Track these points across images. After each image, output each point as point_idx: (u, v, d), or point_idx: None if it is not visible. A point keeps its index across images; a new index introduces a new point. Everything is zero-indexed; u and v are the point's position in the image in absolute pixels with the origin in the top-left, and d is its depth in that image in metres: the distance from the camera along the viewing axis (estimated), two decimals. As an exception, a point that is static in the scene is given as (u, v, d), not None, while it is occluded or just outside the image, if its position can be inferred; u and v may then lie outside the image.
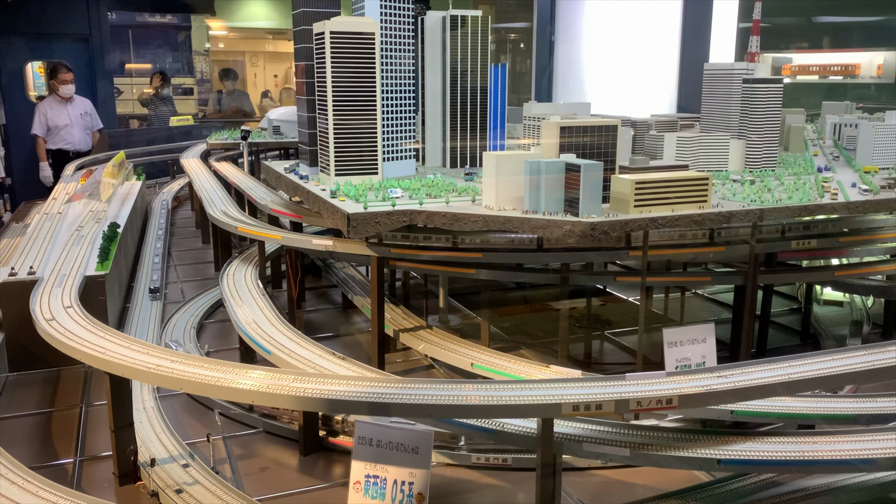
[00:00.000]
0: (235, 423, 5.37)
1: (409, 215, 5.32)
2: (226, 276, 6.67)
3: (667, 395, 3.74)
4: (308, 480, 4.72)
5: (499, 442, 4.58)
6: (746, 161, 7.10)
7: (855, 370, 3.99)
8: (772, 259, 6.32)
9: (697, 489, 3.95)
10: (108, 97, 16.97)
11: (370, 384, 4.04)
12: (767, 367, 4.03)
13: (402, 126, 6.78)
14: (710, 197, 5.37)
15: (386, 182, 6.26)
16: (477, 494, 4.64)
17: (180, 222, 12.07)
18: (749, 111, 7.13)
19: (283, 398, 4.02)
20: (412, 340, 6.29)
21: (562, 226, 5.06)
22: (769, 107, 7.09)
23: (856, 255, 6.76)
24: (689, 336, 4.99)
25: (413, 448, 3.96)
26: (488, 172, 5.47)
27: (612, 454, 3.88)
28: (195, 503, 4.22)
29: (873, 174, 6.84)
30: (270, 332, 5.38)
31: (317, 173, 6.74)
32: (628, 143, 7.76)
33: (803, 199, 5.62)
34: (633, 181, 5.17)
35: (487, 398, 3.79)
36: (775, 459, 3.76)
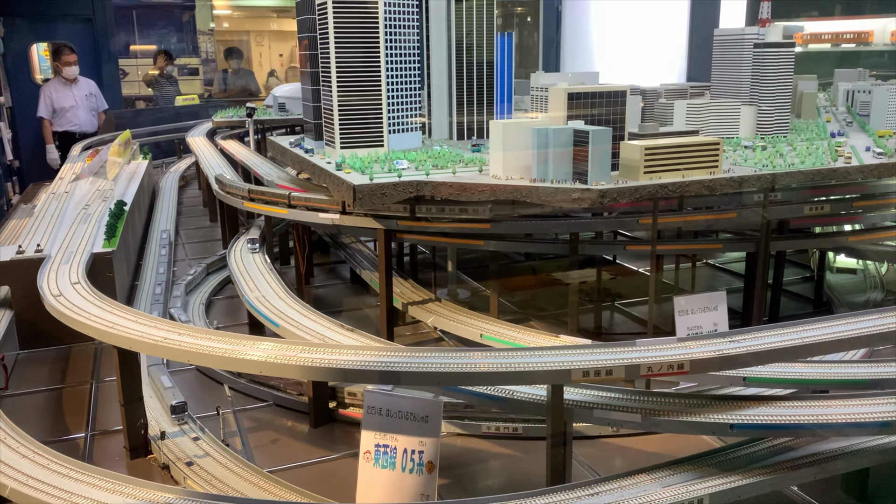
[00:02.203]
0: (245, 397, 5.37)
1: (415, 186, 5.26)
2: (233, 251, 6.64)
3: (678, 360, 3.69)
4: (318, 452, 4.72)
5: (509, 410, 4.55)
6: (758, 127, 6.99)
7: (868, 333, 3.94)
8: (784, 226, 6.23)
9: (710, 454, 3.91)
10: (114, 79, 16.91)
11: (379, 353, 4.02)
12: (780, 332, 3.98)
13: (408, 98, 6.69)
14: (721, 162, 5.28)
15: (392, 154, 6.20)
16: (488, 464, 4.63)
17: (188, 201, 12.05)
18: (760, 76, 7.01)
19: (291, 368, 4.00)
20: (421, 313, 6.27)
21: (570, 194, 5.00)
22: (781, 72, 6.97)
23: (869, 221, 6.67)
24: (700, 304, 4.93)
25: (423, 417, 3.93)
26: (495, 141, 5.40)
27: (624, 420, 3.84)
28: (206, 475, 4.22)
29: (888, 138, 6.72)
30: (279, 305, 5.37)
31: (322, 147, 6.69)
32: (637, 113, 7.65)
33: (816, 163, 5.52)
34: (643, 147, 5.09)
35: (497, 365, 3.75)
36: (789, 423, 3.71)
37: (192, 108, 16.31)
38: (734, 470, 3.78)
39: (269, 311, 5.23)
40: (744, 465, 3.82)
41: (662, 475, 3.76)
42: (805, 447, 3.99)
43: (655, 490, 3.64)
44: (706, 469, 3.80)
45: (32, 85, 15.40)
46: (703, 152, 5.22)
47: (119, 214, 7.13)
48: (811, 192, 6.27)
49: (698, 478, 3.73)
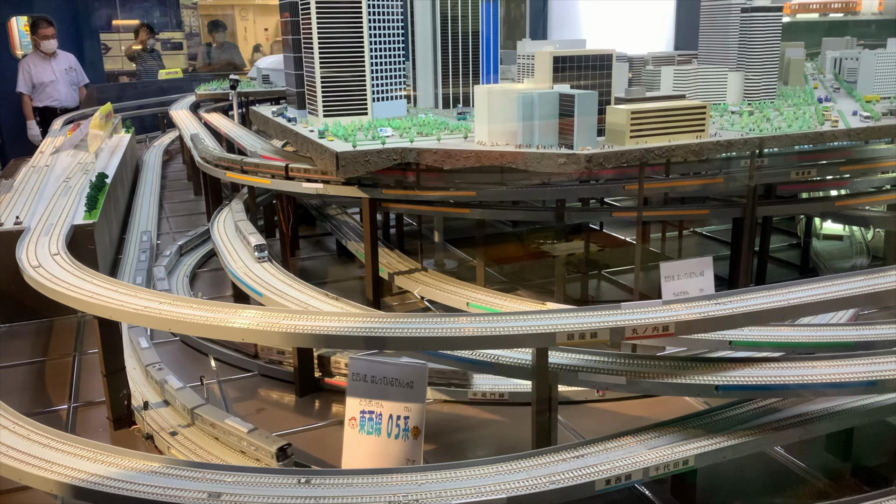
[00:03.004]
0: (231, 368, 5.33)
1: (399, 153, 5.19)
2: (216, 223, 6.57)
3: (663, 322, 3.68)
4: (304, 420, 4.70)
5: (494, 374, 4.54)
6: (745, 93, 6.95)
7: (851, 294, 3.93)
8: (771, 191, 6.21)
9: (695, 417, 3.91)
10: (95, 54, 16.64)
11: (365, 319, 3.98)
12: (765, 294, 3.97)
13: (392, 66, 6.59)
14: (708, 126, 5.24)
15: (376, 122, 6.12)
16: (474, 429, 4.62)
17: (172, 175, 11.93)
18: (747, 41, 6.95)
19: (274, 335, 3.96)
20: (408, 283, 6.23)
21: (556, 159, 4.95)
22: (768, 36, 6.91)
23: (856, 187, 6.66)
24: (686, 269, 4.91)
25: (408, 382, 3.91)
26: (480, 107, 5.33)
27: (609, 383, 3.83)
28: (190, 444, 4.20)
29: (875, 103, 6.69)
30: (262, 275, 5.31)
31: (305, 116, 6.59)
32: (625, 80, 7.59)
33: (803, 127, 5.49)
34: (629, 111, 5.03)
35: (482, 329, 3.72)
36: (774, 384, 3.71)
37: (176, 82, 16.09)
38: (719, 431, 3.78)
39: (253, 280, 5.18)
40: (729, 427, 3.82)
41: (648, 437, 3.76)
42: (789, 408, 4.00)
43: (641, 452, 3.64)
44: (691, 431, 3.80)
45: (12, 59, 15.12)
46: (689, 116, 5.17)
47: (100, 187, 7.03)
48: (798, 158, 6.25)
49: (684, 439, 3.73)
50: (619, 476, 3.45)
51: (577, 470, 3.47)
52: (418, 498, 3.29)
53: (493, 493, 3.30)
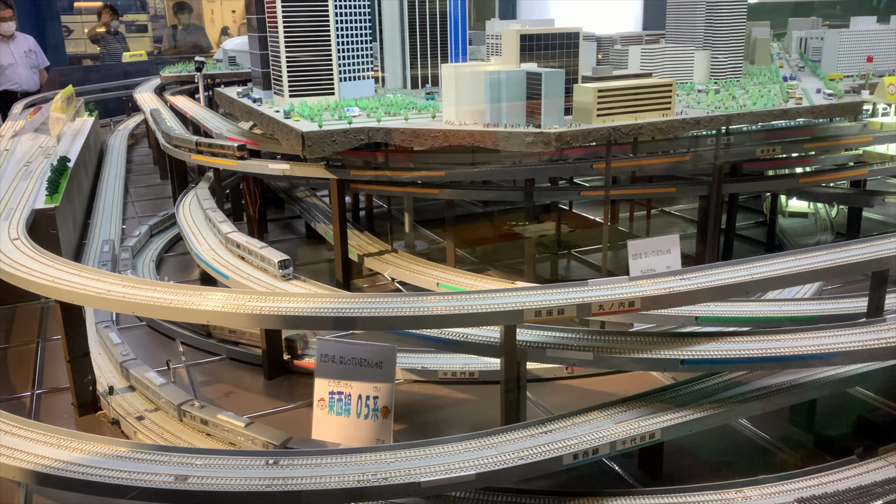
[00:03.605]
0: (198, 352, 5.27)
1: (366, 133, 5.15)
2: (182, 206, 6.47)
3: (629, 298, 3.71)
4: (273, 403, 4.67)
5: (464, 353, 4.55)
6: (712, 72, 6.99)
7: (812, 269, 4.00)
8: (737, 169, 6.27)
9: (662, 391, 3.95)
10: (57, 36, 16.27)
11: (333, 300, 3.95)
12: (729, 269, 4.02)
13: (359, 45, 6.52)
14: (674, 104, 5.27)
15: (343, 102, 6.06)
16: (445, 408, 4.64)
17: (138, 160, 11.73)
18: (714, 21, 6.98)
19: (241, 317, 3.92)
20: (378, 265, 6.21)
21: (524, 138, 4.94)
22: (734, 16, 6.95)
23: (821, 163, 6.75)
24: (653, 247, 4.94)
25: (377, 363, 3.90)
26: (447, 86, 5.30)
27: (576, 359, 3.85)
28: (157, 429, 4.15)
29: (838, 80, 6.77)
30: (228, 258, 5.25)
31: (271, 96, 6.50)
32: (593, 58, 7.59)
33: (768, 104, 5.54)
34: (596, 89, 5.03)
35: (451, 308, 3.72)
36: (739, 357, 3.76)
37: (141, 65, 15.79)
38: (685, 405, 3.83)
39: (218, 263, 5.12)
40: (694, 401, 3.87)
41: (615, 412, 3.79)
42: (754, 382, 4.05)
43: (608, 426, 3.68)
44: (658, 405, 3.84)
45: (-30, 42, 14.69)
46: (655, 94, 5.19)
47: (62, 170, 6.89)
48: (766, 136, 6.31)
49: (650, 413, 3.77)
50: (586, 450, 3.48)
51: (545, 445, 3.49)
52: (387, 476, 3.29)
53: (461, 469, 3.31)
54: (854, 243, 4.30)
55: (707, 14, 7.10)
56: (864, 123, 6.77)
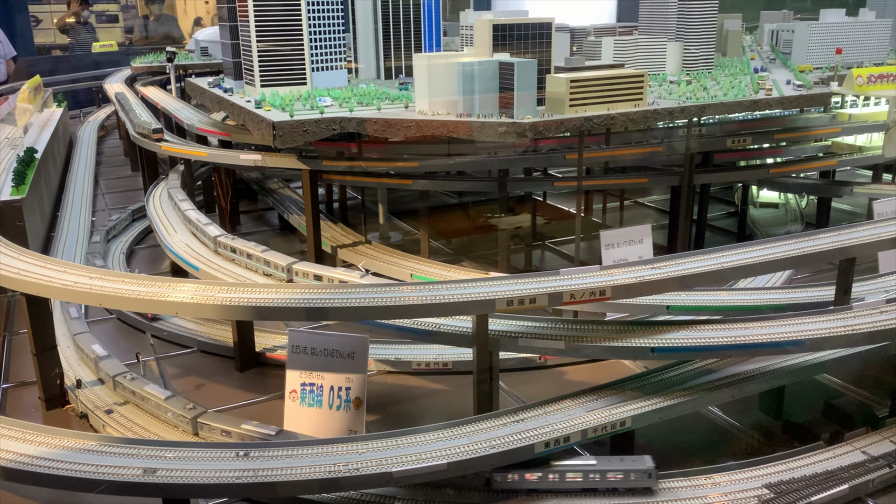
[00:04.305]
0: (169, 345, 5.21)
1: (338, 122, 5.11)
2: (152, 198, 6.39)
3: (600, 287, 3.72)
4: (245, 395, 4.63)
5: (436, 343, 4.55)
6: (684, 63, 7.03)
7: (779, 258, 4.05)
8: (708, 160, 6.32)
9: (633, 379, 3.98)
10: (25, 26, 15.96)
11: (305, 290, 3.92)
12: (699, 258, 4.05)
13: (331, 35, 6.47)
14: (646, 95, 5.29)
15: (315, 92, 6.01)
16: (419, 399, 4.63)
17: (108, 151, 11.55)
18: (686, 12, 7.02)
19: (212, 309, 3.88)
20: (352, 256, 6.17)
21: (497, 128, 4.94)
22: (705, 9, 6.99)
23: (791, 154, 6.82)
24: (626, 237, 4.97)
25: (349, 353, 3.89)
26: (420, 76, 5.28)
27: (548, 348, 3.86)
28: (127, 422, 4.10)
29: (808, 72, 6.84)
30: (199, 249, 5.20)
31: (242, 86, 6.43)
32: (566, 50, 7.60)
33: (738, 95, 5.59)
34: (568, 80, 5.04)
35: (423, 297, 3.71)
36: (707, 345, 3.79)
37: (112, 55, 15.55)
38: (656, 393, 3.86)
39: (188, 254, 5.06)
40: (665, 389, 3.90)
41: (587, 400, 3.82)
42: (723, 369, 4.09)
43: (579, 414, 3.70)
44: (629, 393, 3.87)
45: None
46: (627, 85, 5.21)
47: (29, 162, 6.76)
48: (739, 126, 6.37)
49: (621, 401, 3.80)
50: (557, 438, 3.50)
51: (516, 434, 3.50)
52: (359, 467, 3.28)
53: (433, 458, 3.31)
54: (821, 233, 4.36)
55: (679, 6, 7.14)
56: (833, 115, 6.87)
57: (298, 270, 4.70)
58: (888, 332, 3.89)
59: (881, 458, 3.70)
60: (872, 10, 8.10)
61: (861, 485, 3.55)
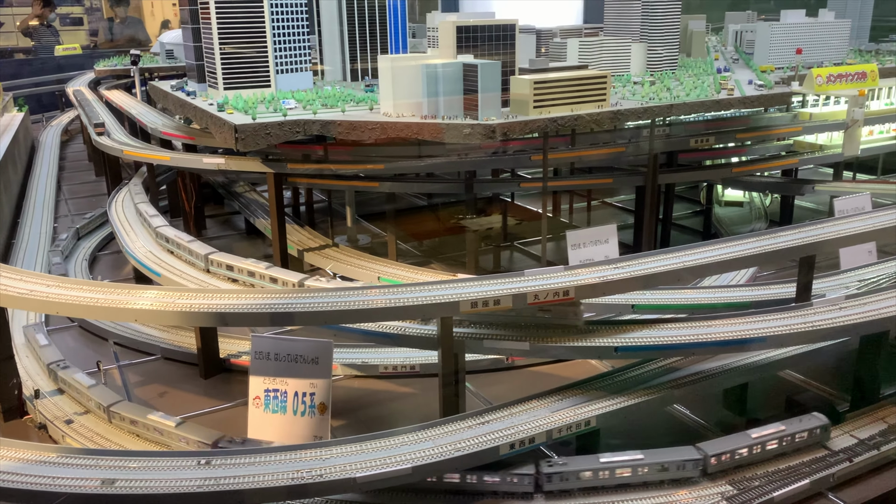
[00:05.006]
0: (132, 352, 5.13)
1: (302, 125, 5.07)
2: (114, 204, 6.29)
3: (563, 287, 3.73)
4: (209, 402, 4.57)
5: (402, 347, 4.53)
6: (648, 64, 7.08)
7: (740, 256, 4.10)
8: (672, 160, 6.37)
9: (598, 378, 3.99)
10: (-15, 29, 15.63)
11: (270, 295, 3.88)
12: (661, 258, 4.07)
13: (296, 37, 6.42)
14: (609, 96, 5.32)
15: (279, 94, 5.96)
16: (386, 403, 4.60)
17: (71, 156, 11.36)
18: (650, 14, 7.07)
19: (175, 315, 3.83)
20: (319, 260, 6.12)
21: (462, 129, 4.93)
22: (669, 10, 7.05)
23: (754, 153, 6.91)
24: (592, 237, 4.99)
25: (313, 359, 3.85)
26: (384, 79, 5.26)
27: (513, 349, 3.87)
28: (87, 432, 4.02)
29: (769, 72, 6.94)
30: (161, 255, 5.12)
31: (205, 89, 6.36)
32: (532, 51, 7.62)
33: (701, 95, 5.64)
34: (532, 81, 5.06)
35: (387, 301, 3.69)
36: (671, 343, 3.82)
37: (76, 58, 15.33)
38: (620, 392, 3.87)
39: (150, 260, 4.99)
40: (629, 387, 3.92)
41: (552, 401, 3.82)
42: (687, 367, 4.13)
43: (545, 415, 3.70)
44: (594, 392, 3.88)
45: None
46: (591, 86, 5.23)
47: (-13, 168, 6.62)
48: (703, 126, 6.43)
49: (586, 401, 3.81)
50: (522, 440, 3.50)
51: (482, 436, 3.49)
52: (322, 473, 3.25)
53: (398, 463, 3.29)
54: (782, 230, 4.41)
55: (643, 7, 7.20)
56: (795, 114, 6.96)
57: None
58: (847, 328, 3.96)
59: (841, 452, 3.75)
60: (832, 11, 8.24)
61: (822, 479, 3.60)
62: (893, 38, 10.71)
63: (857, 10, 9.72)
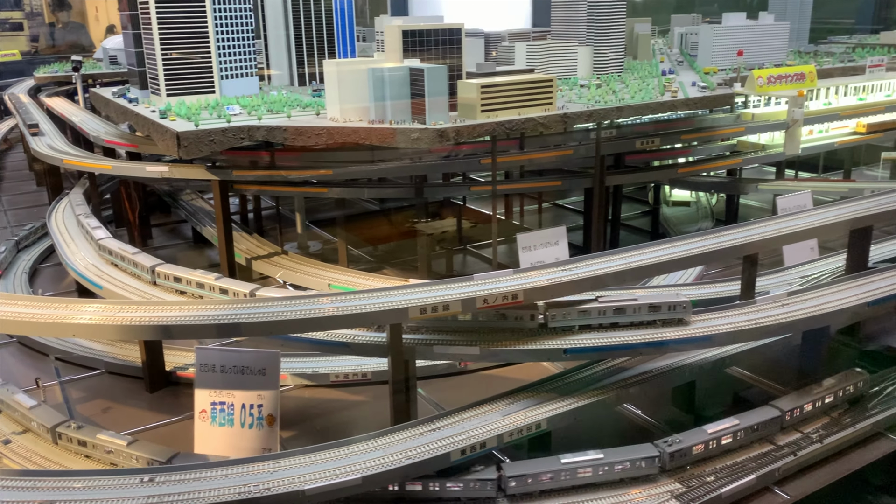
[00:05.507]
0: (74, 367, 4.98)
1: (246, 131, 4.99)
2: (54, 214, 6.10)
3: (512, 291, 3.73)
4: (156, 417, 4.45)
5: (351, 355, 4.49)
6: (595, 67, 7.16)
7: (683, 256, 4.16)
8: (620, 162, 6.44)
9: (548, 381, 4.01)
10: (-83, 35, 15.05)
11: (216, 306, 3.80)
12: (609, 258, 4.11)
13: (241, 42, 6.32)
14: (556, 99, 5.35)
15: (224, 100, 5.86)
16: (338, 412, 4.54)
17: (11, 165, 11.01)
18: (594, 17, 7.15)
19: (118, 329, 3.72)
20: (268, 268, 6.03)
21: (409, 134, 4.91)
22: (614, 13, 7.14)
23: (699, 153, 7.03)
24: (542, 239, 5.01)
25: (260, 370, 3.78)
26: (330, 83, 5.20)
27: (464, 354, 3.86)
28: (26, 452, 3.88)
29: (712, 74, 7.07)
30: (103, 267, 4.98)
31: (148, 96, 6.21)
32: (481, 55, 7.64)
33: (645, 97, 5.71)
34: (479, 85, 5.06)
35: (335, 309, 3.64)
36: (619, 344, 3.85)
37: (15, 64, 14.88)
38: (571, 393, 3.89)
39: (91, 272, 4.85)
40: (579, 388, 3.94)
41: (504, 404, 3.82)
42: (636, 367, 4.17)
43: (496, 419, 3.69)
44: (545, 395, 3.89)
45: None
46: (537, 89, 5.26)
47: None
48: (653, 128, 6.51)
49: (537, 403, 3.81)
50: (473, 445, 3.49)
51: (432, 443, 3.47)
52: (270, 486, 3.19)
53: (347, 473, 3.24)
54: (726, 229, 4.49)
55: (588, 11, 7.27)
56: (738, 115, 7.11)
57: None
58: (790, 324, 4.04)
59: (786, 446, 3.83)
60: (771, 14, 8.45)
61: (767, 474, 3.66)
62: (832, 40, 11.04)
63: (797, 13, 9.97)
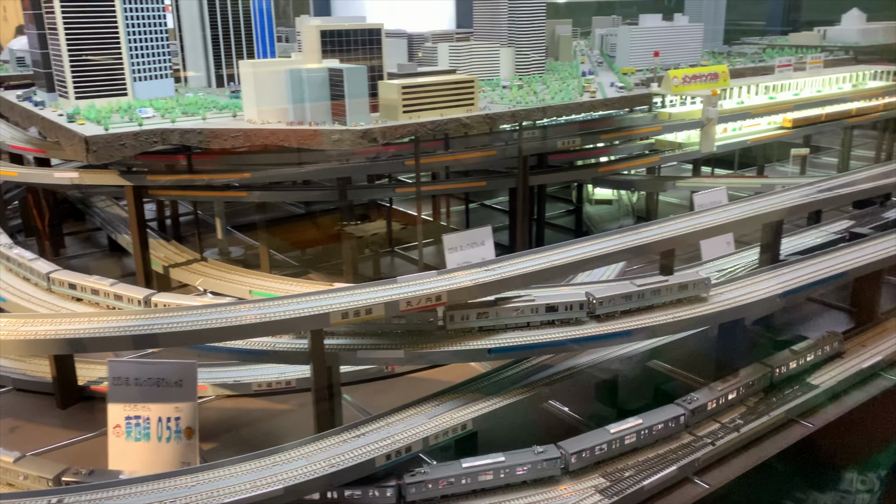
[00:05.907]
0: (-23, 386, 4.71)
1: (159, 135, 4.82)
2: (-45, 223, 5.77)
3: (435, 293, 3.71)
4: (68, 434, 4.25)
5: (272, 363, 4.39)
6: (516, 68, 7.22)
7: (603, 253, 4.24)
8: (543, 161, 6.51)
9: (473, 381, 4.01)
10: None
11: (130, 317, 3.65)
12: (531, 258, 4.15)
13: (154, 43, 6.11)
14: (477, 100, 5.37)
15: (137, 103, 5.65)
16: (261, 422, 4.43)
17: None
18: (515, 19, 7.22)
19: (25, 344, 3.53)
20: (187, 276, 5.85)
21: (330, 136, 4.84)
22: (534, 15, 7.22)
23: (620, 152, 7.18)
24: (468, 240, 5.01)
25: (176, 381, 3.65)
26: (247, 85, 5.09)
27: (388, 358, 3.82)
28: (-78, 478, 3.64)
29: (630, 74, 7.23)
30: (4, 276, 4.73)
31: (55, 99, 5.94)
32: (404, 56, 7.62)
33: (565, 98, 5.79)
34: (401, 86, 5.03)
35: (254, 317, 3.55)
36: (542, 342, 3.88)
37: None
38: (496, 393, 3.90)
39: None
40: (505, 387, 3.96)
41: (429, 407, 3.79)
42: (560, 364, 4.22)
43: (422, 422, 3.67)
44: (470, 395, 3.88)
45: None
46: (459, 90, 5.26)
47: None
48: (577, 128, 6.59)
49: (463, 404, 3.81)
50: (399, 450, 3.45)
51: (357, 450, 3.41)
52: (188, 501, 3.07)
53: (269, 485, 3.16)
54: (645, 226, 4.59)
55: (509, 13, 7.34)
56: (656, 114, 7.29)
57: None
58: (708, 317, 4.16)
59: (705, 436, 3.93)
60: (686, 16, 8.71)
61: (688, 465, 3.75)
62: (745, 41, 11.47)
63: (712, 15, 10.31)
